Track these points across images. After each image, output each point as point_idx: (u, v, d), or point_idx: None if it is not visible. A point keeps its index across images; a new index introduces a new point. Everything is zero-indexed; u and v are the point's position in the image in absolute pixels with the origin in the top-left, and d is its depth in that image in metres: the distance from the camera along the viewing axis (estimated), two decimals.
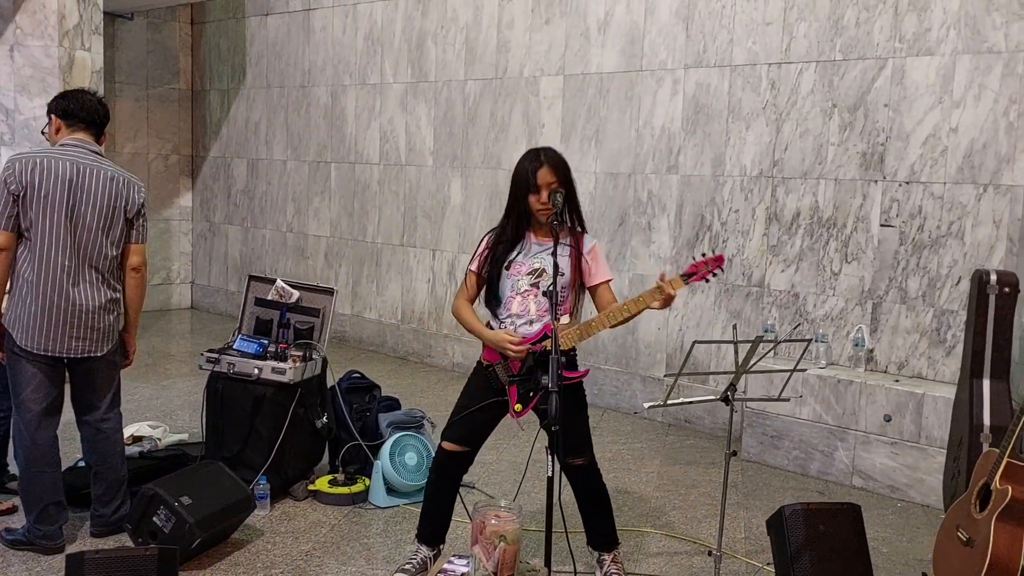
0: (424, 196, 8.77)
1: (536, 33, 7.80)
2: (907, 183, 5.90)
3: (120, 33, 10.57)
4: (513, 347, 3.95)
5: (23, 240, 4.27)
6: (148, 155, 10.98)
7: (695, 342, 3.51)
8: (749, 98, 6.59)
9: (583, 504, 4.19)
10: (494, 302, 4.10)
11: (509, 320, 4.05)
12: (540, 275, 4.01)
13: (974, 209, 5.65)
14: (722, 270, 3.98)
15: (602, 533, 4.24)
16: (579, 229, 4.10)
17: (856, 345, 6.04)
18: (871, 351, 6.07)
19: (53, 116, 4.46)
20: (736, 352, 3.64)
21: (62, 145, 4.37)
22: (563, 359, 3.86)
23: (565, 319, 4.02)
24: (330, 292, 5.56)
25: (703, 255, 3.98)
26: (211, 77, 11.08)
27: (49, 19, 7.35)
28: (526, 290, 4.03)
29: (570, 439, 3.99)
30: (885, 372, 6.02)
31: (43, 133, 4.62)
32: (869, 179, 6.06)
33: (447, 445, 4.12)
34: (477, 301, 4.20)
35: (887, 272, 6.01)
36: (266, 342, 5.37)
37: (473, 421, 4.08)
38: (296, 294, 5.54)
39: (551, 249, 3.93)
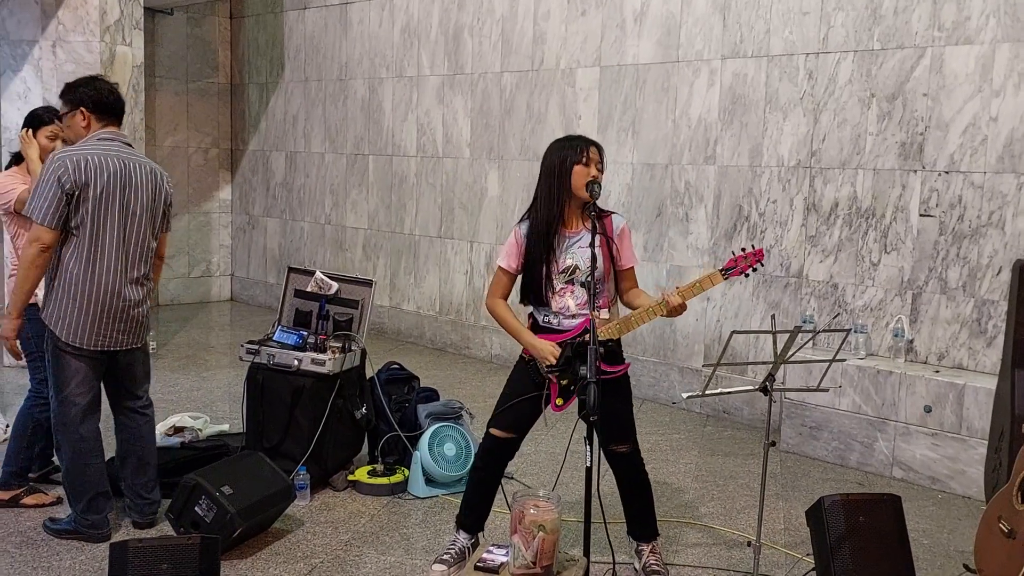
0: (461, 188, 8.79)
1: (572, 24, 7.80)
2: (947, 173, 5.85)
3: (160, 28, 10.68)
4: (552, 361, 3.95)
5: (69, 238, 4.28)
6: (188, 149, 11.10)
7: (733, 332, 3.51)
8: (786, 88, 6.55)
9: (625, 492, 4.21)
10: (536, 299, 4.06)
11: (554, 316, 4.04)
12: (573, 272, 4.00)
13: (1015, 198, 5.59)
14: (762, 264, 3.95)
15: (643, 523, 4.25)
16: (604, 212, 4.04)
17: (896, 336, 6.00)
18: (911, 342, 6.02)
19: (83, 110, 4.37)
20: (775, 342, 3.63)
21: (100, 139, 4.36)
22: (601, 349, 3.85)
23: (604, 313, 4.01)
24: (368, 284, 5.60)
25: (743, 249, 3.95)
26: (250, 71, 11.17)
27: (91, 15, 7.45)
28: (562, 288, 4.01)
29: (614, 426, 4.02)
30: (925, 363, 5.97)
31: (58, 120, 4.62)
32: (908, 169, 6.01)
33: (496, 432, 4.13)
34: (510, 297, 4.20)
35: (927, 262, 5.96)
36: (305, 333, 5.42)
37: (519, 410, 4.10)
38: (335, 286, 5.58)
39: (581, 241, 3.96)
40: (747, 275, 3.94)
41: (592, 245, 3.83)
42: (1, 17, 7.62)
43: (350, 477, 5.37)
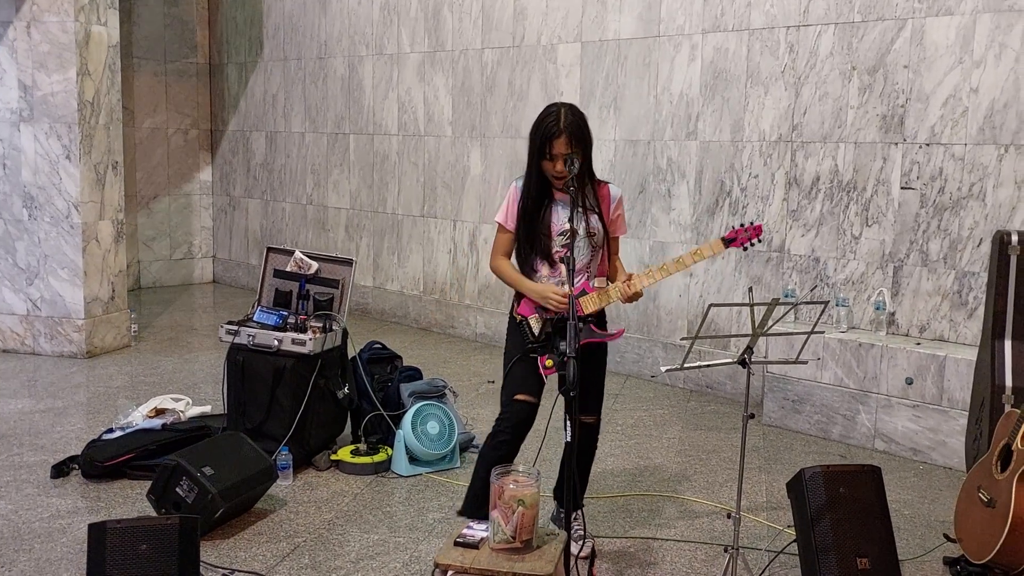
0: (443, 166, 8.75)
1: (553, 0, 7.75)
2: (927, 145, 5.84)
3: (136, 7, 10.57)
4: (556, 300, 3.92)
5: None
6: (167, 130, 11.01)
7: (711, 305, 3.51)
8: (767, 62, 6.53)
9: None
10: (531, 260, 4.05)
11: (541, 280, 4.04)
12: (570, 236, 3.93)
13: (995, 170, 5.59)
14: (760, 240, 3.96)
15: (578, 492, 4.21)
16: (599, 180, 4.09)
17: (877, 309, 6.01)
18: (892, 314, 6.03)
19: None
20: (752, 315, 3.63)
21: None
22: (580, 324, 3.84)
23: (600, 281, 4.08)
24: (349, 263, 5.58)
25: (742, 225, 3.97)
26: (228, 51, 11.08)
27: None
28: (557, 251, 4.01)
29: (586, 397, 4.00)
30: (907, 335, 5.98)
31: None
32: (889, 142, 6.00)
33: (521, 396, 4.00)
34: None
35: (908, 235, 5.96)
36: (286, 314, 5.39)
37: (529, 371, 4.02)
38: (315, 265, 5.56)
39: (578, 208, 3.95)
40: (745, 248, 3.95)
41: (571, 220, 3.83)
42: None
43: (333, 457, 5.36)
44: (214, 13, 11.21)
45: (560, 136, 3.88)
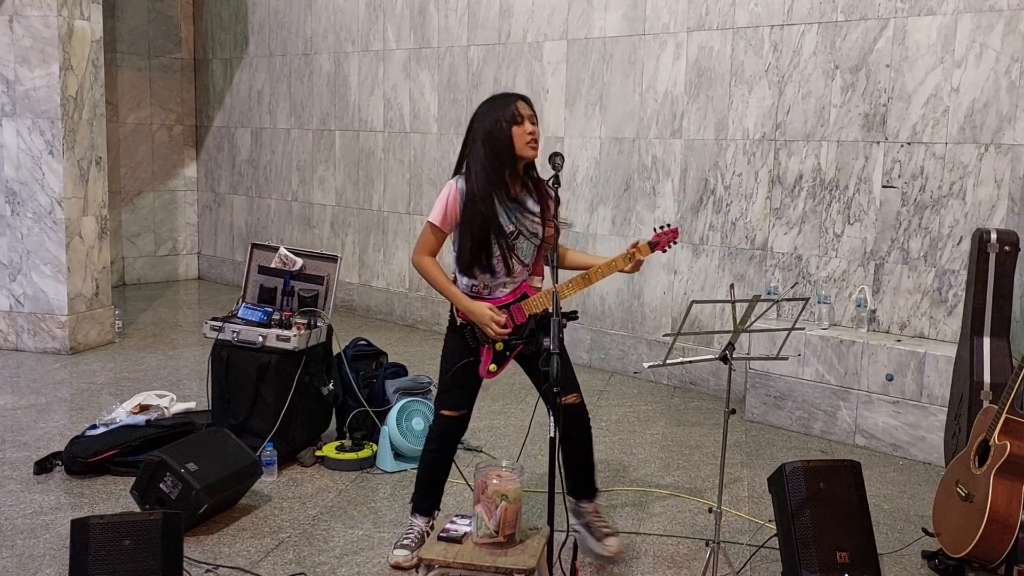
0: (429, 163, 8.76)
1: None
2: (909, 144, 5.89)
3: (120, 2, 10.53)
4: (495, 330, 3.86)
5: None
6: (152, 126, 10.98)
7: (693, 301, 3.53)
8: (751, 61, 6.56)
9: (570, 448, 4.07)
10: (480, 263, 3.92)
11: (483, 283, 3.96)
12: (516, 238, 3.90)
13: (975, 169, 5.64)
14: (676, 243, 3.99)
15: (585, 479, 4.20)
16: (536, 175, 3.98)
17: (858, 306, 6.06)
18: (873, 311, 6.08)
19: None
20: (734, 311, 3.66)
21: None
22: (565, 321, 3.82)
23: (537, 280, 4.02)
24: (334, 259, 5.58)
25: (662, 227, 3.95)
26: (213, 46, 11.06)
27: None
28: (499, 254, 3.90)
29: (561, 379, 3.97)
30: (887, 332, 6.03)
31: None
32: (871, 140, 6.04)
33: (448, 412, 4.05)
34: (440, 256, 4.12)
35: (889, 233, 6.01)
36: (270, 310, 5.40)
37: (464, 382, 4.02)
38: (299, 261, 5.56)
39: (521, 207, 3.89)
40: (665, 251, 3.96)
41: (555, 217, 3.85)
42: None
43: (318, 453, 5.37)
44: (198, 8, 11.19)
45: (520, 99, 3.87)
